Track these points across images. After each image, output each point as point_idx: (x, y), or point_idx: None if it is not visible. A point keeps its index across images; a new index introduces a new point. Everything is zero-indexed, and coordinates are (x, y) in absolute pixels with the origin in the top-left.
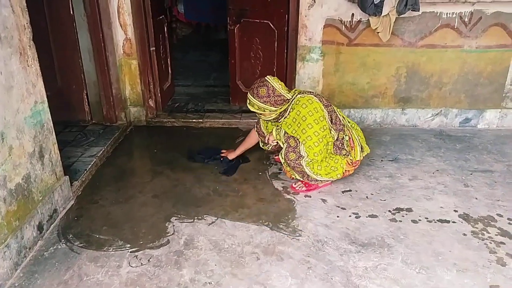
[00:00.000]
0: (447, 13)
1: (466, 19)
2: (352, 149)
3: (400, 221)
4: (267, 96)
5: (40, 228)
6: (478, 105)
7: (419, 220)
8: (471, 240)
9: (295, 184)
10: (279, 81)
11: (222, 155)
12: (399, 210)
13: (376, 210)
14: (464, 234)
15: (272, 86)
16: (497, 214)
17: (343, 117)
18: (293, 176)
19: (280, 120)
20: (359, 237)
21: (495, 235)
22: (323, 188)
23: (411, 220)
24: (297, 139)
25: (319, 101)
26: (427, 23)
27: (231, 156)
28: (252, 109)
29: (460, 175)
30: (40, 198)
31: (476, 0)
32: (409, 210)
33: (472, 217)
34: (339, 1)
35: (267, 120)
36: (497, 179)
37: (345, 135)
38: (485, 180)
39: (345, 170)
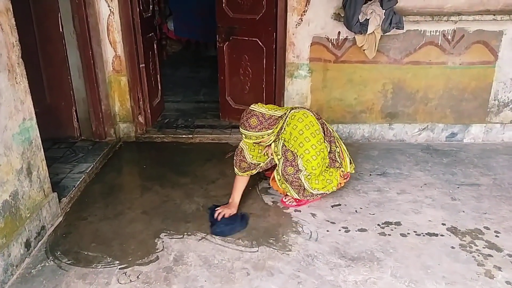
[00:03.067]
0: (430, 31)
1: (449, 37)
2: (343, 160)
3: (389, 234)
4: (260, 123)
5: (27, 245)
6: (463, 120)
7: (408, 233)
8: (459, 253)
9: (285, 198)
10: (264, 105)
11: (218, 210)
12: (388, 224)
13: (365, 224)
14: (452, 247)
15: (260, 112)
16: (484, 227)
17: (331, 130)
18: (286, 190)
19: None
20: (348, 251)
21: (483, 247)
22: (313, 202)
23: (400, 234)
24: (295, 153)
25: (313, 115)
26: (412, 41)
27: (231, 209)
28: (250, 141)
29: (448, 188)
30: (28, 215)
31: (458, 18)
32: (397, 223)
33: (459, 230)
34: (326, 19)
35: (267, 145)
36: (483, 193)
37: (336, 147)
38: (472, 193)
39: (339, 183)
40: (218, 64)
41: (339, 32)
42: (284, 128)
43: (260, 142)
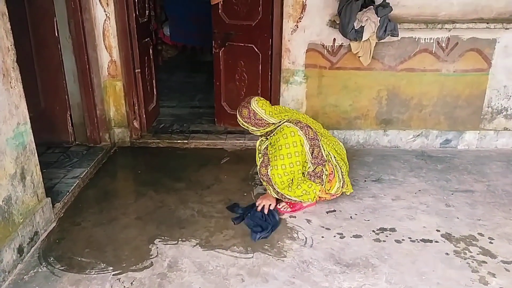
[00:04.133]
0: (425, 39)
1: (443, 44)
2: (329, 182)
3: (384, 241)
4: (248, 118)
5: (20, 251)
6: (457, 127)
7: (403, 240)
8: (453, 260)
9: (279, 205)
10: (266, 104)
11: (258, 202)
12: (382, 230)
13: (360, 230)
14: (447, 254)
15: (254, 110)
16: (478, 233)
17: (329, 151)
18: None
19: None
20: (343, 258)
21: (477, 254)
22: (308, 208)
23: (395, 240)
24: (270, 161)
25: (302, 135)
26: (406, 48)
27: (271, 200)
28: (240, 124)
29: (442, 195)
30: (21, 220)
31: (452, 26)
32: (392, 230)
33: (454, 236)
34: (321, 26)
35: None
36: (477, 199)
37: (326, 170)
38: (466, 200)
39: (319, 197)
40: (214, 70)
41: (334, 39)
42: (271, 136)
43: (247, 129)
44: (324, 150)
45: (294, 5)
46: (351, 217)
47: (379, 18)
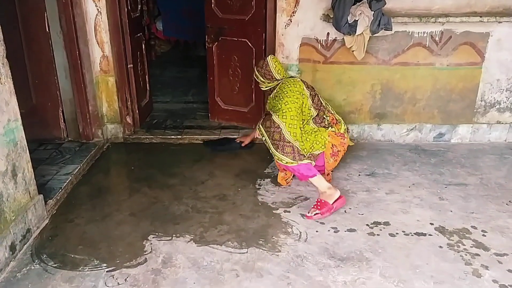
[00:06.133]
0: (418, 33)
1: (437, 38)
2: (335, 124)
3: (378, 234)
4: (260, 67)
5: (12, 248)
6: (451, 121)
7: (397, 233)
8: (447, 253)
9: (309, 212)
10: (278, 64)
11: (237, 140)
12: (376, 224)
13: (354, 224)
14: (440, 247)
15: (267, 63)
16: (472, 226)
17: (326, 103)
18: (281, 162)
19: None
20: (338, 252)
21: (470, 247)
22: (303, 203)
23: (389, 234)
24: (274, 109)
25: (300, 82)
26: (400, 42)
27: (246, 140)
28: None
29: (435, 188)
30: (13, 218)
31: (446, 20)
32: (386, 223)
33: (447, 229)
34: (315, 20)
35: (262, 90)
36: (470, 192)
37: (326, 116)
38: (459, 193)
39: (332, 145)
40: (207, 65)
41: (328, 33)
42: (277, 88)
43: (257, 78)
44: (323, 100)
45: None
46: (345, 211)
47: (373, 12)
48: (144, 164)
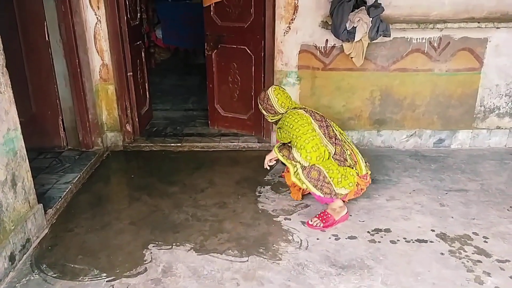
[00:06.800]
0: (417, 39)
1: (435, 44)
2: (355, 163)
3: (379, 241)
4: (262, 100)
5: (12, 258)
6: (450, 126)
7: (398, 240)
8: (448, 259)
9: (311, 221)
10: (283, 95)
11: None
12: (377, 230)
13: (355, 231)
14: (442, 254)
15: (268, 96)
16: (473, 233)
17: (340, 132)
18: (304, 187)
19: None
20: (339, 259)
21: (472, 253)
22: (304, 210)
23: (390, 241)
24: (291, 142)
25: (308, 115)
26: (399, 48)
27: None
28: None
29: (436, 194)
30: (12, 228)
31: (444, 26)
32: (387, 230)
33: (449, 236)
34: (314, 27)
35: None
36: (471, 198)
37: (346, 150)
38: (460, 199)
39: (357, 183)
40: (207, 72)
41: (327, 40)
42: (282, 120)
43: (261, 111)
44: (336, 131)
45: (286, 6)
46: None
47: (371, 18)
48: (144, 172)
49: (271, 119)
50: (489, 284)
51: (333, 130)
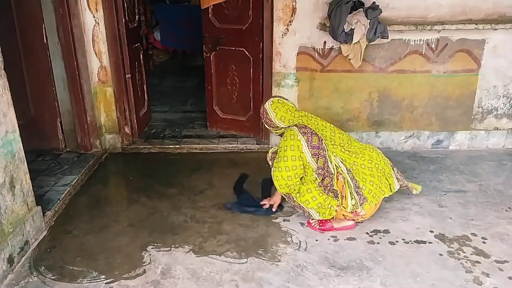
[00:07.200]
0: (414, 40)
1: (433, 46)
2: (343, 198)
3: (378, 243)
4: (262, 114)
5: (10, 261)
6: (448, 127)
7: (396, 241)
8: (447, 260)
9: (312, 219)
10: (282, 108)
11: (263, 203)
12: (376, 232)
13: (354, 232)
14: (441, 254)
15: (267, 111)
16: (472, 234)
17: (340, 162)
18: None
19: None
20: (338, 261)
21: (471, 254)
22: (303, 213)
23: (389, 242)
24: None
25: (302, 140)
26: (397, 50)
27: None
28: None
29: (435, 195)
30: (11, 230)
31: (442, 27)
32: (386, 231)
33: (447, 237)
34: (312, 29)
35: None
36: (470, 199)
37: (335, 183)
38: (459, 200)
39: (343, 214)
40: (205, 74)
41: (325, 42)
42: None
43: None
44: (331, 162)
45: (284, 8)
46: (343, 216)
47: (369, 20)
48: (142, 174)
49: (276, 133)
50: (487, 284)
51: (326, 161)
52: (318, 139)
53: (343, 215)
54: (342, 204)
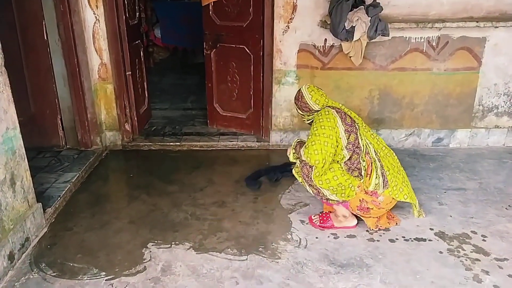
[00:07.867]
0: (415, 38)
1: (434, 43)
2: (367, 176)
3: (378, 240)
4: (297, 99)
5: (11, 257)
6: (449, 125)
7: (396, 239)
8: (447, 258)
9: (314, 215)
10: (317, 92)
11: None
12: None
13: (354, 230)
14: (441, 252)
15: (302, 94)
16: (472, 231)
17: (369, 143)
18: (302, 185)
19: None
20: (338, 258)
21: (470, 252)
22: (303, 209)
23: (389, 239)
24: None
25: (338, 117)
26: (397, 47)
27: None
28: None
29: (435, 193)
30: (11, 227)
31: (443, 25)
32: (386, 229)
33: (447, 234)
34: (312, 27)
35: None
36: (470, 197)
37: (363, 160)
38: (459, 198)
39: (362, 198)
40: (206, 71)
41: (325, 39)
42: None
43: (297, 112)
44: (362, 140)
45: (285, 5)
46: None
47: (370, 18)
48: (142, 172)
49: (307, 120)
50: (487, 282)
51: (357, 137)
52: (351, 119)
53: (359, 200)
54: (365, 183)
